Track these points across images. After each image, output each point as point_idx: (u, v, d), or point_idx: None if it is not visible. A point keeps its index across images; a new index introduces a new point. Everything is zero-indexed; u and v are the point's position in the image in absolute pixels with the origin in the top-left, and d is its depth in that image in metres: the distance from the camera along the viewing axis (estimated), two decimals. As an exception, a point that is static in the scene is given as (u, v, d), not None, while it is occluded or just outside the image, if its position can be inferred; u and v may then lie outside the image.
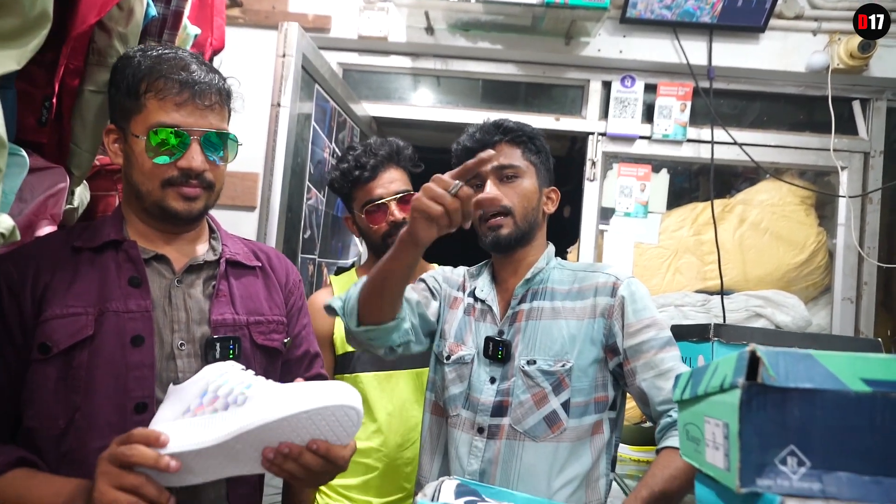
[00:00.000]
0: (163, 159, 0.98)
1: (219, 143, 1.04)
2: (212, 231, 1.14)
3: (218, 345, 1.02)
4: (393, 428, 1.55)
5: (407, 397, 1.58)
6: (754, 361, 0.68)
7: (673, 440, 1.09)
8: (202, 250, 1.10)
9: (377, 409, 1.56)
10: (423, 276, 1.43)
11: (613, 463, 1.24)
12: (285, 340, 1.15)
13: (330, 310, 1.24)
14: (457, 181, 0.98)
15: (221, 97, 1.05)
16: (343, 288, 1.67)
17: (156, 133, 0.97)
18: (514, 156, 1.26)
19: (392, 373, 1.56)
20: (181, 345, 1.00)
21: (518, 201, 1.24)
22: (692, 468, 1.00)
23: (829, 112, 2.38)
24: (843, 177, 2.51)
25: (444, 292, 1.39)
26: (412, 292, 1.35)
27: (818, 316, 2.51)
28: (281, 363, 1.15)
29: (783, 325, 2.37)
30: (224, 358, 1.02)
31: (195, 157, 1.00)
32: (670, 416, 1.12)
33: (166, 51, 1.02)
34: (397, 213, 1.55)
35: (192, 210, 1.03)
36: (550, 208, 1.32)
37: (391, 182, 1.57)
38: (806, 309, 2.42)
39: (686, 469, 1.03)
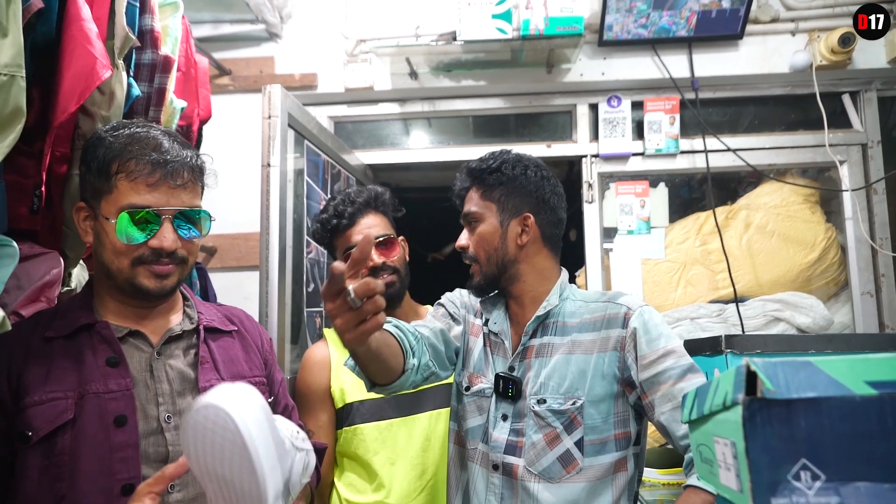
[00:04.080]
0: (134, 239, 0.98)
1: (191, 219, 1.05)
2: (185, 299, 1.15)
3: None
4: (397, 478, 1.52)
5: (410, 445, 1.55)
6: (752, 375, 0.66)
7: (692, 478, 1.04)
8: (177, 320, 1.10)
9: (380, 460, 1.53)
10: (442, 300, 1.42)
11: (636, 497, 1.20)
12: (269, 400, 1.16)
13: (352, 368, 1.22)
14: (348, 290, 0.83)
15: (194, 174, 1.05)
16: (337, 340, 1.67)
17: (128, 215, 0.97)
18: (472, 201, 1.30)
19: (393, 421, 1.54)
20: (168, 418, 0.99)
21: (479, 247, 1.27)
22: None
23: (819, 109, 2.38)
24: (844, 171, 2.48)
25: (464, 317, 1.38)
26: (434, 321, 1.33)
27: (840, 313, 2.45)
28: None
29: (804, 327, 2.31)
30: None
31: (167, 237, 1.00)
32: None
33: (138, 129, 1.03)
34: (376, 257, 1.57)
35: (164, 287, 1.03)
36: (523, 239, 1.26)
37: (369, 227, 1.60)
38: (825, 308, 2.36)
39: None
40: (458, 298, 1.42)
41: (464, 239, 1.30)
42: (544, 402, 1.16)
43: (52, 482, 0.90)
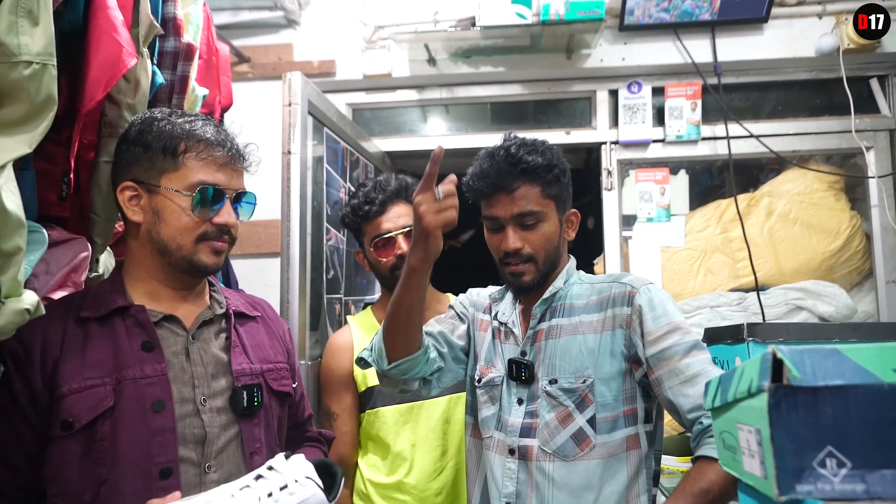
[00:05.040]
0: (206, 215, 1.03)
1: (245, 202, 1.11)
2: (210, 285, 1.17)
3: (244, 393, 1.04)
4: (418, 458, 1.56)
5: (431, 427, 1.59)
6: (778, 363, 0.66)
7: (706, 449, 1.04)
8: (206, 305, 1.13)
9: (401, 441, 1.57)
10: (451, 302, 1.45)
11: (656, 478, 1.20)
12: (294, 385, 1.19)
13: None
14: (436, 189, 1.08)
15: (244, 160, 1.12)
16: (361, 325, 1.70)
17: (200, 191, 1.02)
18: (532, 198, 1.20)
19: (413, 404, 1.58)
20: (203, 400, 1.02)
21: (541, 247, 1.22)
22: (725, 479, 0.96)
23: (845, 93, 2.33)
24: (870, 157, 2.43)
25: (472, 315, 1.40)
26: (436, 325, 1.37)
27: (863, 302, 2.41)
28: (290, 425, 1.21)
29: (826, 316, 2.28)
30: (250, 405, 1.05)
31: (231, 214, 1.07)
32: (701, 422, 1.07)
33: (192, 116, 1.09)
34: (405, 246, 1.60)
35: (218, 264, 1.08)
36: (571, 234, 1.30)
37: (399, 217, 1.63)
38: (849, 296, 2.33)
39: (719, 481, 0.98)
40: (468, 298, 1.44)
41: (518, 240, 1.20)
42: (555, 381, 1.18)
43: (93, 467, 0.92)
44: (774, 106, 2.57)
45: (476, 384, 1.32)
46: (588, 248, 2.52)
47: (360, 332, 1.69)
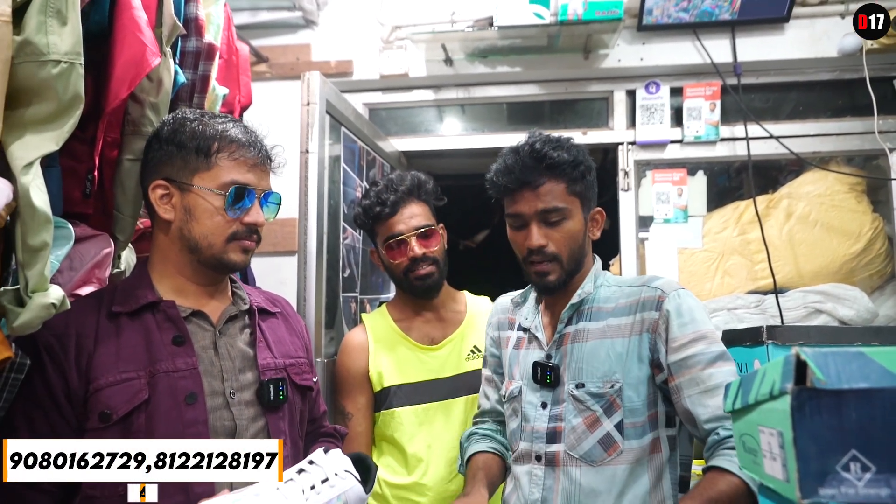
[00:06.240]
0: (236, 214, 1.05)
1: (271, 202, 1.13)
2: (232, 282, 1.19)
3: (271, 387, 1.07)
4: (435, 460, 1.55)
5: (447, 428, 1.57)
6: (801, 365, 0.65)
7: (719, 460, 1.02)
8: (229, 301, 1.15)
9: (417, 442, 1.56)
10: (485, 350, 1.44)
11: (684, 484, 1.19)
12: (315, 379, 1.21)
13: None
14: None
15: (272, 162, 1.15)
16: (374, 325, 1.69)
17: (233, 191, 1.04)
18: (558, 195, 1.18)
19: (429, 405, 1.57)
20: (233, 393, 1.04)
21: (565, 246, 1.19)
22: (737, 491, 0.94)
23: (868, 94, 2.29)
24: (893, 158, 2.38)
25: (498, 339, 1.39)
26: (486, 399, 1.42)
27: (885, 306, 2.37)
28: (308, 420, 1.22)
29: (846, 320, 2.25)
30: (276, 399, 1.07)
31: (260, 214, 1.09)
32: (718, 433, 1.05)
33: (222, 117, 1.12)
34: (417, 248, 1.57)
35: (246, 262, 1.11)
36: (596, 234, 1.27)
37: (411, 217, 1.59)
38: (870, 300, 2.29)
39: (729, 492, 0.96)
40: (492, 329, 1.42)
41: (542, 237, 1.18)
42: (582, 385, 1.16)
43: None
44: (795, 106, 2.54)
45: (504, 400, 1.32)
46: (604, 250, 2.51)
47: (374, 332, 1.68)
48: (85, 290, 1.11)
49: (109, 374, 0.95)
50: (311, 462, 0.94)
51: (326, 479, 0.92)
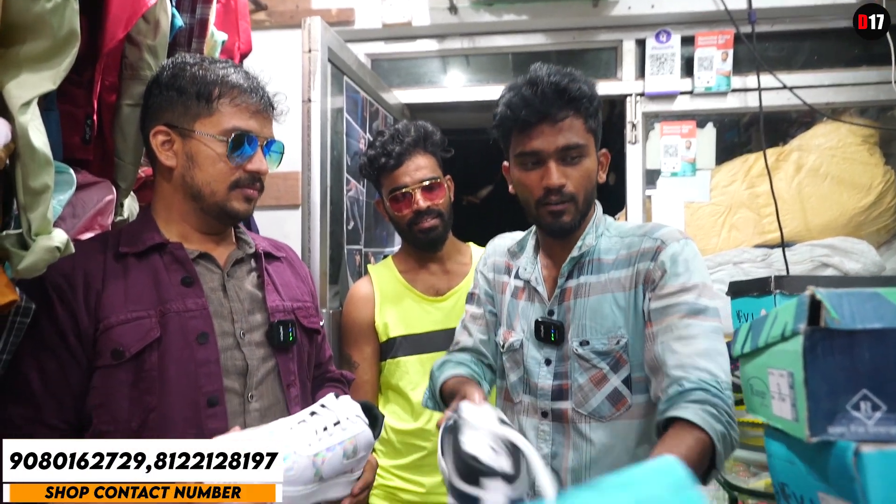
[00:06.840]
0: (235, 161, 1.03)
1: (274, 150, 1.11)
2: (236, 227, 1.19)
3: (280, 328, 1.08)
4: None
5: None
6: (815, 306, 0.64)
7: (682, 410, 0.93)
8: (234, 246, 1.15)
9: (422, 390, 1.57)
10: (474, 288, 1.38)
11: None
12: (321, 323, 1.22)
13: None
14: None
15: (274, 110, 1.12)
16: (380, 277, 1.69)
17: (234, 137, 1.02)
18: (578, 130, 1.11)
19: (434, 354, 1.58)
20: (243, 334, 1.05)
21: (581, 186, 1.13)
22: (702, 447, 0.90)
23: (887, 43, 2.22)
24: (909, 109, 2.34)
25: (493, 281, 1.34)
26: (467, 335, 1.35)
27: (892, 261, 2.36)
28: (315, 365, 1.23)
29: (853, 273, 2.24)
30: (286, 340, 1.08)
31: (263, 162, 1.07)
32: (682, 384, 0.97)
33: (223, 62, 1.09)
34: (421, 201, 1.57)
35: (249, 210, 1.09)
36: (603, 176, 1.20)
37: (417, 170, 1.58)
38: (878, 254, 2.28)
39: (696, 448, 0.89)
40: (487, 270, 1.35)
41: (562, 175, 1.10)
42: (587, 343, 1.13)
43: (142, 396, 0.95)
44: (809, 56, 2.47)
45: (501, 350, 1.28)
46: (609, 203, 2.48)
47: (379, 283, 1.69)
48: (88, 237, 1.10)
49: (120, 312, 0.95)
50: (322, 405, 0.96)
51: (338, 423, 0.94)
